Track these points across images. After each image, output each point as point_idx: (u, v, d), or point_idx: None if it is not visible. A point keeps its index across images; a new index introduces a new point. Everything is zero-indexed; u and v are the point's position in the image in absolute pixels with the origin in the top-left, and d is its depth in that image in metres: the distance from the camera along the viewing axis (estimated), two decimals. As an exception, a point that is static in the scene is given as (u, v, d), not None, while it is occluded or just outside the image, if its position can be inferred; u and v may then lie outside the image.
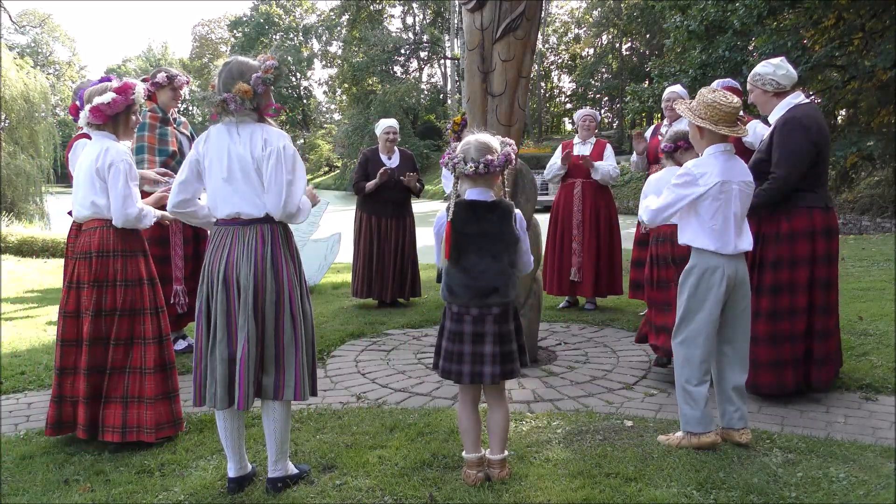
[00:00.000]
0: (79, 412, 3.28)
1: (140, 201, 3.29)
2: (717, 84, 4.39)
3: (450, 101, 45.93)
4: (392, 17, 54.62)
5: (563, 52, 48.11)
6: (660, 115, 5.76)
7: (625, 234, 6.57)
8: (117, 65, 68.41)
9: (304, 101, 60.21)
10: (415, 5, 49.97)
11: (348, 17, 50.32)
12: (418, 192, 6.49)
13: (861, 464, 2.86)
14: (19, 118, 18.00)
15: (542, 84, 46.54)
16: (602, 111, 43.25)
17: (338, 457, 3.07)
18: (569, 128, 49.17)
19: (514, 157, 2.72)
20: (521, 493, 2.68)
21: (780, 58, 3.77)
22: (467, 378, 2.73)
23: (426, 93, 51.76)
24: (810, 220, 3.61)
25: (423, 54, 51.60)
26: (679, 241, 3.21)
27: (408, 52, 50.83)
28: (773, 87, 3.68)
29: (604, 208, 6.05)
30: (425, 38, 49.96)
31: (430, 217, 2.87)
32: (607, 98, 44.31)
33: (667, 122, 5.51)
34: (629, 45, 42.21)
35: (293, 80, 57.62)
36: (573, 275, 5.99)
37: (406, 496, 2.70)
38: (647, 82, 24.49)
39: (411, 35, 51.08)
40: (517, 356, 2.77)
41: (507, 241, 2.72)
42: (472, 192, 2.73)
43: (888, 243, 10.28)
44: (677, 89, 5.53)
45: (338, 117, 59.48)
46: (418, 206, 6.87)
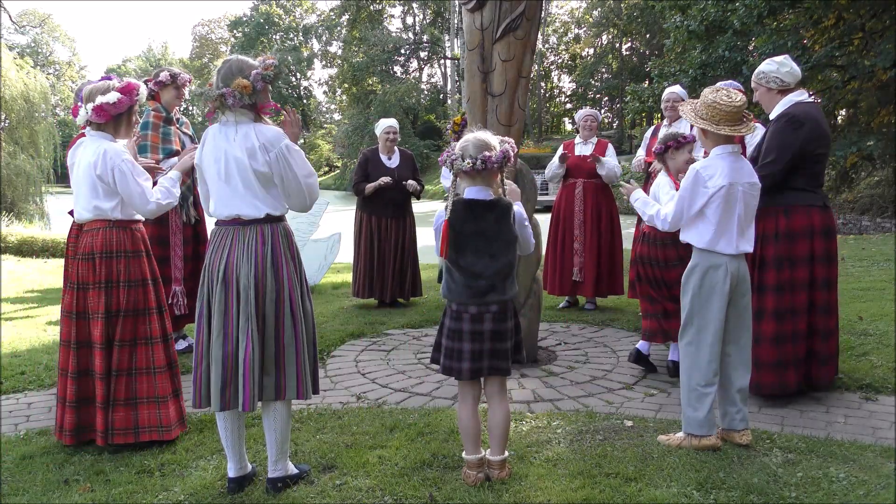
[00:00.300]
0: (97, 418, 3.24)
1: (153, 192, 3.27)
2: (718, 85, 4.38)
3: (450, 101, 45.93)
4: (392, 17, 54.65)
5: (563, 52, 48.11)
6: (660, 116, 5.75)
7: (625, 233, 6.57)
8: (117, 65, 68.42)
9: (304, 101, 60.20)
10: (415, 5, 49.97)
11: (348, 17, 50.32)
12: (419, 195, 6.51)
13: (861, 464, 2.86)
14: (19, 118, 18.01)
15: (542, 84, 46.54)
16: (602, 111, 43.25)
17: (338, 457, 3.07)
18: (569, 128, 49.16)
19: (512, 155, 2.72)
20: (521, 493, 2.68)
21: (784, 56, 3.76)
22: (467, 374, 2.73)
23: (426, 93, 51.75)
24: (809, 219, 3.60)
25: (423, 54, 51.60)
26: (681, 239, 3.20)
27: (408, 52, 50.83)
28: (777, 85, 3.67)
29: (605, 208, 6.05)
30: (425, 38, 49.96)
31: (430, 217, 2.86)
32: (607, 98, 44.31)
33: (666, 122, 5.51)
34: (629, 45, 42.21)
35: (293, 80, 57.63)
36: (575, 275, 5.99)
37: (406, 496, 2.70)
38: (647, 82, 24.49)
39: (411, 35, 51.07)
40: (510, 355, 2.77)
41: (504, 239, 2.72)
42: (470, 191, 2.73)
43: (888, 243, 10.28)
44: (677, 90, 5.53)
45: (338, 117, 59.53)
46: (418, 206, 6.87)
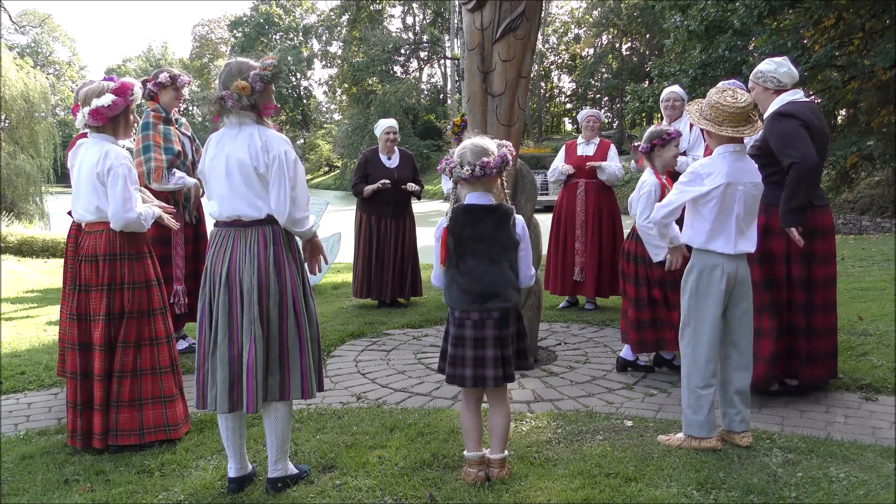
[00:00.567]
0: (94, 421, 3.23)
1: (140, 205, 3.26)
2: (721, 85, 4.37)
3: (450, 101, 45.94)
4: (392, 17, 54.74)
5: (563, 52, 48.12)
6: (660, 116, 5.74)
7: (627, 234, 6.56)
8: (117, 65, 68.48)
9: (304, 101, 60.24)
10: (415, 5, 50.00)
11: (348, 17, 50.38)
12: (419, 196, 6.51)
13: (861, 464, 2.86)
14: (19, 118, 18.03)
15: (542, 84, 46.55)
16: (602, 111, 43.29)
17: (338, 457, 3.07)
18: (569, 128, 49.19)
19: (510, 159, 2.72)
20: (521, 493, 2.68)
21: (784, 57, 3.77)
22: (470, 382, 2.73)
23: (426, 93, 51.80)
24: (814, 218, 3.60)
25: (423, 54, 51.64)
26: (682, 239, 3.20)
27: (408, 52, 50.86)
28: (774, 85, 3.67)
29: (607, 208, 6.04)
30: (425, 38, 49.98)
31: (430, 217, 2.86)
32: (607, 98, 44.33)
33: (666, 122, 5.51)
34: (629, 45, 42.23)
35: (293, 80, 57.64)
36: (576, 274, 5.99)
37: (406, 496, 2.70)
38: (647, 82, 24.47)
39: (411, 35, 51.11)
40: (513, 361, 2.76)
41: (504, 244, 2.72)
42: (471, 196, 2.73)
43: (888, 243, 10.28)
44: (676, 90, 5.53)
45: (338, 117, 59.56)
46: (418, 207, 6.88)
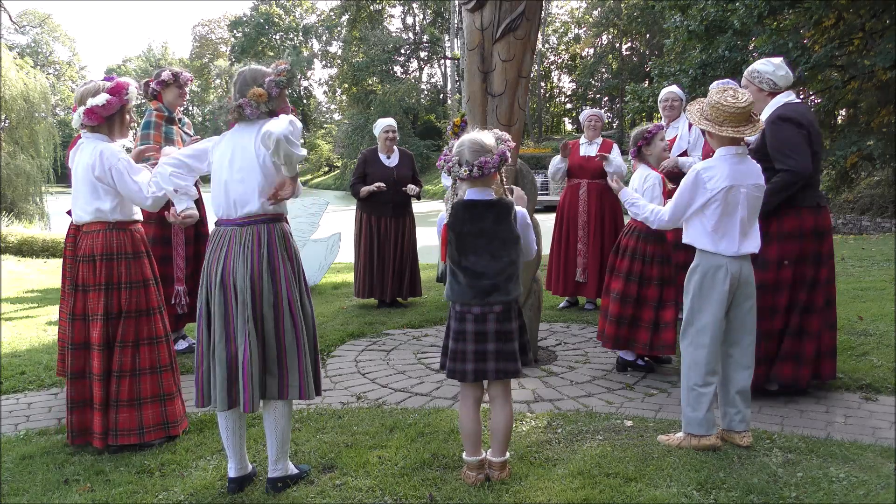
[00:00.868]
0: (94, 421, 3.24)
1: (150, 183, 3.22)
2: (716, 84, 4.38)
3: (450, 101, 45.95)
4: (392, 17, 54.74)
5: (563, 52, 48.14)
6: (659, 116, 5.74)
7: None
8: (117, 65, 68.52)
9: (304, 101, 60.23)
10: (415, 5, 50.03)
11: (348, 17, 50.41)
12: (419, 197, 6.51)
13: (861, 464, 2.86)
14: (19, 118, 18.03)
15: (542, 84, 46.57)
16: (602, 111, 43.32)
17: (338, 457, 3.07)
18: (569, 128, 49.20)
19: (509, 156, 2.71)
20: (521, 494, 2.68)
21: (780, 58, 3.77)
22: (471, 376, 2.73)
23: (426, 93, 51.81)
24: (799, 220, 3.61)
25: (423, 54, 51.65)
26: (683, 240, 3.20)
27: (408, 52, 50.88)
28: (769, 87, 3.66)
29: (609, 209, 6.02)
30: (425, 38, 49.99)
31: (430, 217, 2.87)
32: (607, 98, 44.35)
33: (665, 122, 5.51)
34: (629, 45, 42.25)
35: (296, 81, 57.70)
36: (578, 275, 5.99)
37: (406, 496, 2.70)
38: (647, 82, 24.50)
39: (411, 35, 51.12)
40: (518, 356, 2.76)
41: (505, 239, 2.71)
42: (471, 192, 2.73)
43: (888, 243, 10.28)
44: (675, 90, 5.53)
45: (338, 117, 59.59)
46: (418, 206, 6.88)
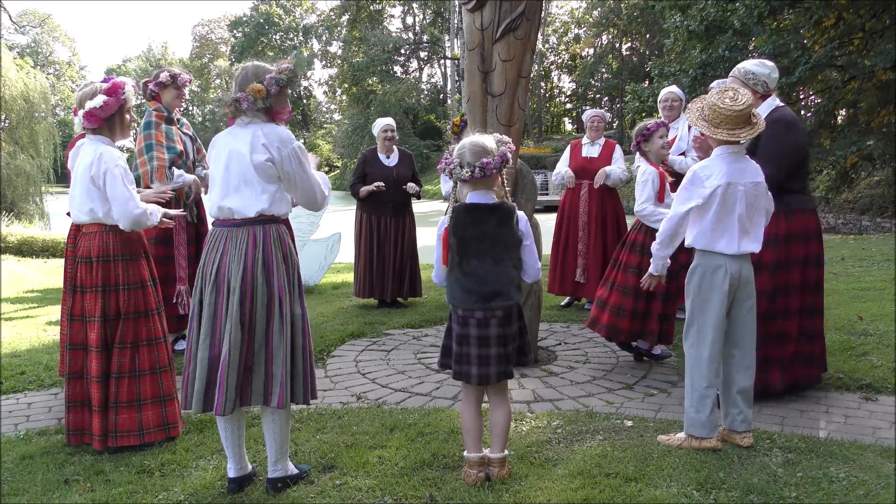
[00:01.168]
0: (93, 422, 3.23)
1: (141, 201, 3.28)
2: (717, 83, 4.38)
3: (450, 101, 45.96)
4: (392, 17, 54.73)
5: (563, 52, 48.14)
6: (659, 116, 5.73)
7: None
8: (117, 65, 68.47)
9: (304, 101, 60.22)
10: (415, 5, 50.02)
11: (348, 17, 50.39)
12: (419, 196, 6.51)
13: (861, 464, 2.86)
14: (19, 118, 18.03)
15: (542, 84, 46.58)
16: (604, 111, 43.36)
17: (338, 457, 3.07)
18: (569, 128, 49.21)
19: (510, 157, 2.71)
20: (521, 493, 2.68)
21: (771, 61, 3.78)
22: (475, 380, 2.73)
23: (426, 93, 51.81)
24: (805, 222, 3.62)
25: (423, 54, 51.65)
26: (686, 241, 3.20)
27: (408, 52, 50.88)
28: (763, 90, 3.66)
29: (611, 210, 5.99)
30: (425, 38, 49.99)
31: (430, 217, 2.86)
32: (607, 98, 44.35)
33: (651, 120, 5.50)
34: (629, 45, 42.24)
35: (299, 82, 57.73)
36: (578, 275, 5.98)
37: (406, 496, 2.70)
38: (647, 82, 24.47)
39: (411, 35, 51.12)
40: (514, 357, 2.77)
41: (507, 243, 2.71)
42: (473, 196, 2.72)
43: (888, 243, 10.28)
44: (674, 90, 5.53)
45: (338, 117, 59.58)
46: (418, 206, 6.88)
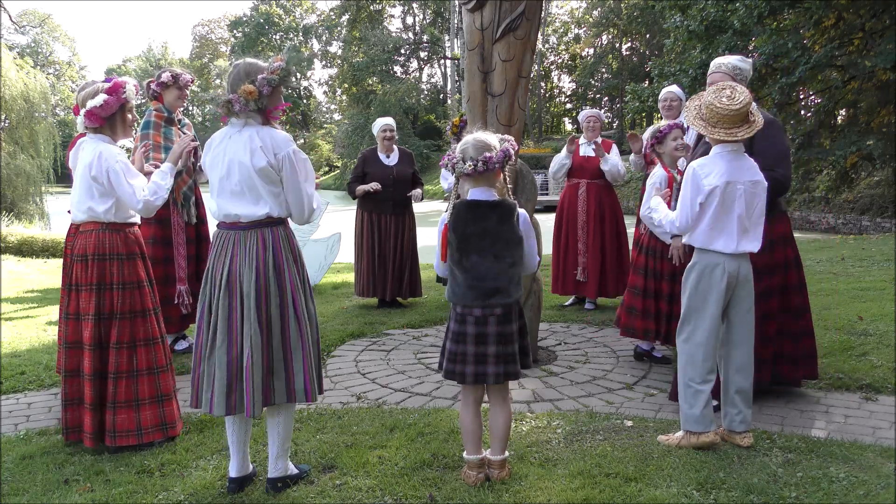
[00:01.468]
0: (85, 420, 3.24)
1: (144, 188, 3.28)
2: (721, 84, 4.39)
3: (450, 101, 45.96)
4: (392, 17, 54.75)
5: (563, 52, 48.14)
6: (659, 116, 5.75)
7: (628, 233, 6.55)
8: (117, 65, 68.52)
9: (304, 101, 60.22)
10: (415, 5, 50.03)
11: (348, 17, 50.40)
12: (421, 198, 6.50)
13: (861, 464, 2.86)
14: (19, 118, 18.03)
15: (542, 84, 46.56)
16: (602, 111, 43.31)
17: (338, 457, 3.07)
18: (569, 128, 49.20)
19: (513, 154, 2.71)
20: (521, 493, 2.68)
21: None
22: (471, 378, 2.72)
23: (426, 93, 51.82)
24: (784, 226, 3.64)
25: (423, 54, 51.66)
26: (683, 239, 3.20)
27: (408, 52, 50.88)
28: (747, 85, 3.68)
29: (609, 209, 6.01)
30: (425, 38, 49.99)
31: (430, 216, 2.86)
32: (607, 98, 44.34)
33: (665, 122, 5.51)
34: (629, 45, 42.23)
35: (293, 79, 57.70)
36: (578, 274, 5.99)
37: (406, 496, 2.70)
38: (647, 82, 24.49)
39: (411, 35, 51.12)
40: (517, 358, 2.76)
41: (508, 240, 2.71)
42: (474, 192, 2.72)
43: (888, 243, 10.28)
44: (674, 90, 5.53)
45: (338, 117, 59.60)
46: (418, 206, 6.87)
